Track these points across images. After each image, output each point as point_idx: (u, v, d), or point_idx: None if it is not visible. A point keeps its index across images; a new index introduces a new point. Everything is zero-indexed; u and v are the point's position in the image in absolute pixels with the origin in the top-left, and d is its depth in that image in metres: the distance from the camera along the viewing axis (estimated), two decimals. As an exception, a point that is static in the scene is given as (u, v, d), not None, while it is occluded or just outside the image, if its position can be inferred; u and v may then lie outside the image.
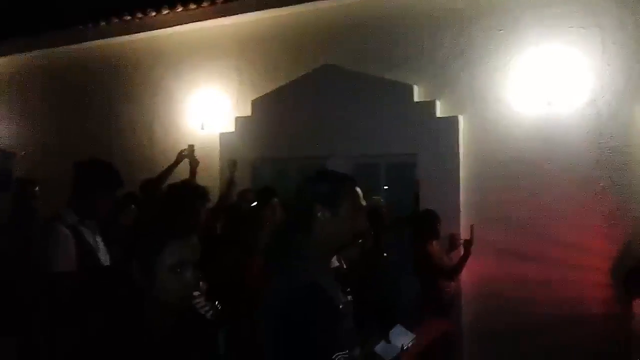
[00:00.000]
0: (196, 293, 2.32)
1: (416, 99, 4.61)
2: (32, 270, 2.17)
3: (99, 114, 6.19)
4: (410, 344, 2.12)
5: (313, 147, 4.89)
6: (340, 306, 1.57)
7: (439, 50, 4.54)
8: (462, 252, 4.02)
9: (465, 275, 4.14)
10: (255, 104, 5.24)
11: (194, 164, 4.33)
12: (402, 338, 1.72)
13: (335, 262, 2.53)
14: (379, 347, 1.73)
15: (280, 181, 4.92)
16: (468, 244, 3.95)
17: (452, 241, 4.26)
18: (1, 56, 6.85)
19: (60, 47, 6.35)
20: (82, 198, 2.32)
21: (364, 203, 1.74)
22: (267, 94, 5.18)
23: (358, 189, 1.75)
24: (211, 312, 2.36)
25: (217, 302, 2.46)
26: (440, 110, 4.53)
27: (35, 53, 6.61)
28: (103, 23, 5.83)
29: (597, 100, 4.00)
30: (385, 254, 3.56)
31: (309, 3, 4.97)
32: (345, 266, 2.84)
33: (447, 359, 3.77)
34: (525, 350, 4.04)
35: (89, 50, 6.26)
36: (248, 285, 2.54)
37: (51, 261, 2.14)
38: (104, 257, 2.38)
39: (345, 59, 4.86)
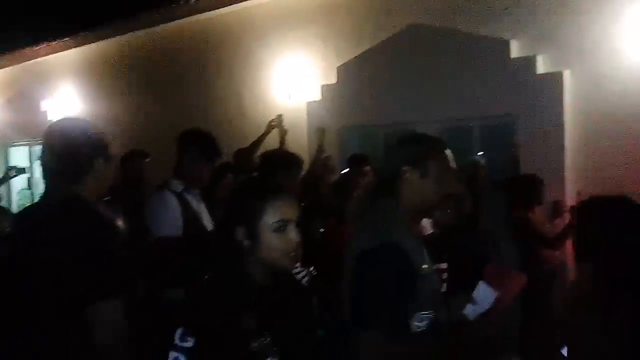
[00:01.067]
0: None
1: (513, 55, 4.26)
2: (140, 234, 2.31)
3: (193, 89, 6.44)
4: (494, 301, 2.00)
5: (402, 112, 4.73)
6: (424, 267, 1.53)
7: (537, 2, 4.13)
8: (567, 221, 3.72)
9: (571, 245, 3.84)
10: (340, 70, 5.15)
11: (282, 133, 4.43)
12: (487, 296, 1.63)
13: (428, 228, 2.45)
14: (468, 308, 1.66)
15: (369, 148, 4.84)
16: (574, 211, 3.64)
17: (556, 208, 3.95)
18: (103, 39, 7.33)
19: (155, 27, 6.66)
20: (187, 167, 2.45)
21: (454, 165, 1.66)
22: (352, 60, 5.06)
23: (448, 151, 1.68)
24: (307, 278, 2.40)
25: (312, 269, 2.48)
26: (541, 66, 4.15)
27: (131, 35, 6.99)
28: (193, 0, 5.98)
29: None
30: (480, 220, 3.37)
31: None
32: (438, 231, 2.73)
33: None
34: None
35: (180, 28, 6.51)
36: (338, 251, 2.54)
37: (159, 226, 2.27)
38: (208, 223, 2.51)
39: (433, 16, 4.60)
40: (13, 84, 9.21)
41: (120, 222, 1.86)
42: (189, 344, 1.29)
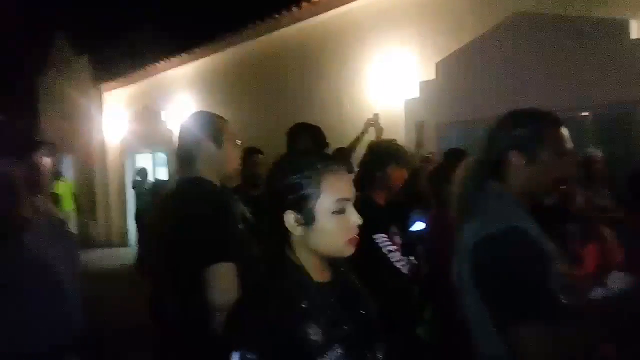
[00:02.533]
0: (393, 247, 2.35)
1: (633, 36, 3.86)
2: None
3: (296, 93, 6.69)
4: (628, 286, 1.82)
5: (503, 106, 4.48)
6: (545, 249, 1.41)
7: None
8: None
9: None
10: (439, 66, 5.03)
11: (379, 132, 4.43)
12: (618, 281, 1.49)
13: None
14: (597, 292, 1.54)
15: (468, 143, 4.66)
16: None
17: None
18: (213, 54, 7.91)
19: (260, 38, 7.05)
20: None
21: (570, 146, 1.52)
22: (451, 55, 4.93)
23: (564, 130, 1.54)
24: (408, 266, 2.37)
25: (411, 257, 2.46)
26: (667, 45, 3.72)
27: (238, 47, 7.47)
28: (295, 9, 6.23)
29: None
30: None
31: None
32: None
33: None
34: None
35: (283, 37, 6.82)
36: (444, 238, 2.49)
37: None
38: None
39: (538, 2, 4.33)
40: (139, 98, 10.26)
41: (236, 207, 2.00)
42: None
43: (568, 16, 4.11)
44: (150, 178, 9.97)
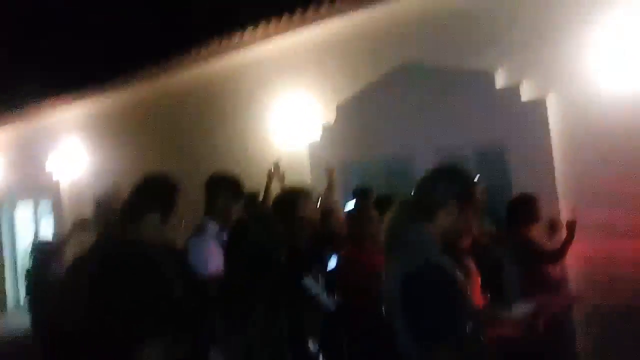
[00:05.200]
0: (319, 289, 2.56)
1: (498, 85, 4.60)
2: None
3: (200, 137, 6.72)
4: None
5: (399, 145, 5.01)
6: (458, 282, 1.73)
7: (518, 33, 4.48)
8: (564, 236, 3.95)
9: (570, 259, 4.06)
10: (339, 109, 5.47)
11: (281, 180, 4.63)
12: (523, 307, 1.84)
13: None
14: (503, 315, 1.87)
15: (370, 181, 5.09)
16: (571, 225, 3.87)
17: (553, 225, 4.18)
18: (109, 93, 7.63)
19: (157, 80, 7.00)
20: (219, 209, 2.69)
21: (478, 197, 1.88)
22: (349, 98, 5.39)
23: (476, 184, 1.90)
24: (332, 303, 2.58)
25: (335, 295, 2.68)
26: (525, 95, 4.48)
27: (135, 89, 7.32)
28: (193, 51, 6.33)
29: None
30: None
31: (381, 5, 5.11)
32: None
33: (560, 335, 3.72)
34: (637, 331, 3.88)
35: (182, 80, 6.84)
36: (367, 273, 2.74)
37: (205, 266, 2.47)
38: None
39: (422, 55, 4.93)
40: (19, 143, 9.45)
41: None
42: None
43: (446, 67, 4.77)
44: (32, 228, 9.18)
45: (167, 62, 6.60)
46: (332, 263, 3.36)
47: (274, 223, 1.73)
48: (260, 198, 4.49)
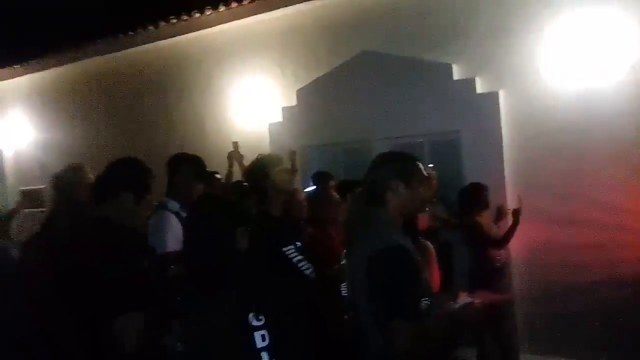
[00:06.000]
0: (300, 257, 2.64)
1: (455, 77, 4.77)
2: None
3: (154, 113, 6.59)
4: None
5: (357, 131, 5.12)
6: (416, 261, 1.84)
7: (475, 29, 4.67)
8: (510, 222, 4.18)
9: (514, 243, 4.31)
10: (299, 93, 5.51)
11: (239, 159, 4.67)
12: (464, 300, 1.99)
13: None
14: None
15: (329, 165, 5.18)
16: (516, 213, 4.11)
17: (500, 211, 4.41)
18: (59, 66, 7.32)
19: (113, 54, 6.77)
20: (179, 187, 2.70)
21: (427, 175, 1.99)
22: (310, 83, 5.44)
23: (420, 164, 2.00)
24: (310, 270, 2.66)
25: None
26: (480, 87, 4.68)
27: (89, 61, 7.05)
28: (151, 27, 6.16)
29: (637, 66, 4.08)
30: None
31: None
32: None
33: (497, 328, 3.99)
34: (576, 316, 4.21)
35: (139, 54, 6.65)
36: (329, 254, 2.84)
37: (164, 243, 2.49)
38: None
39: (383, 43, 5.05)
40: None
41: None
42: None
43: (405, 57, 4.90)
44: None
45: (128, 36, 6.38)
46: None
47: (230, 204, 1.77)
48: (227, 182, 4.50)
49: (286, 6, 5.47)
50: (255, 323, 1.55)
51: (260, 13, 5.62)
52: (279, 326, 1.59)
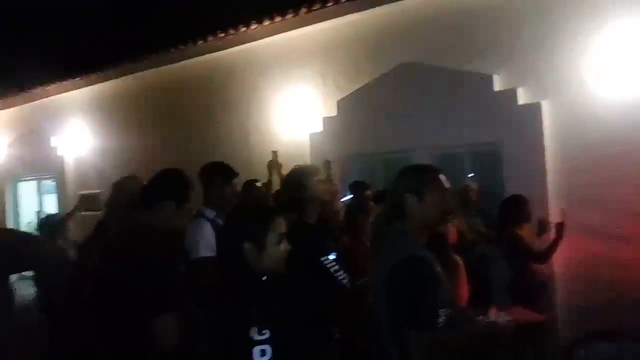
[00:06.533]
0: (337, 267, 2.67)
1: (496, 88, 4.72)
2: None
3: (202, 124, 6.85)
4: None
5: (397, 142, 5.15)
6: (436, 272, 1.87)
7: (517, 40, 4.62)
8: (553, 236, 4.08)
9: (557, 258, 4.20)
10: (340, 104, 5.59)
11: (278, 168, 4.76)
12: (497, 315, 1.97)
13: None
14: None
15: (368, 175, 5.23)
16: (560, 227, 4.00)
17: (542, 225, 4.29)
18: (116, 78, 7.75)
19: (164, 66, 7.11)
20: (212, 195, 2.83)
21: (448, 186, 1.99)
22: (350, 94, 5.52)
23: (441, 175, 2.01)
24: (347, 280, 2.70)
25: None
26: (522, 98, 4.60)
27: (142, 74, 7.44)
28: (200, 42, 6.44)
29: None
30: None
31: (385, 5, 5.23)
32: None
33: (538, 347, 3.87)
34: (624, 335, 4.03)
35: (187, 68, 6.96)
36: (364, 264, 2.89)
37: (198, 249, 2.62)
38: None
39: (423, 55, 5.06)
40: (22, 122, 9.58)
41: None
42: None
43: (446, 68, 4.89)
44: (35, 205, 9.36)
45: (176, 51, 6.70)
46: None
47: (261, 212, 1.84)
48: (267, 191, 4.62)
49: (328, 19, 5.58)
50: (256, 337, 1.51)
51: (302, 27, 5.77)
52: (287, 341, 1.59)
